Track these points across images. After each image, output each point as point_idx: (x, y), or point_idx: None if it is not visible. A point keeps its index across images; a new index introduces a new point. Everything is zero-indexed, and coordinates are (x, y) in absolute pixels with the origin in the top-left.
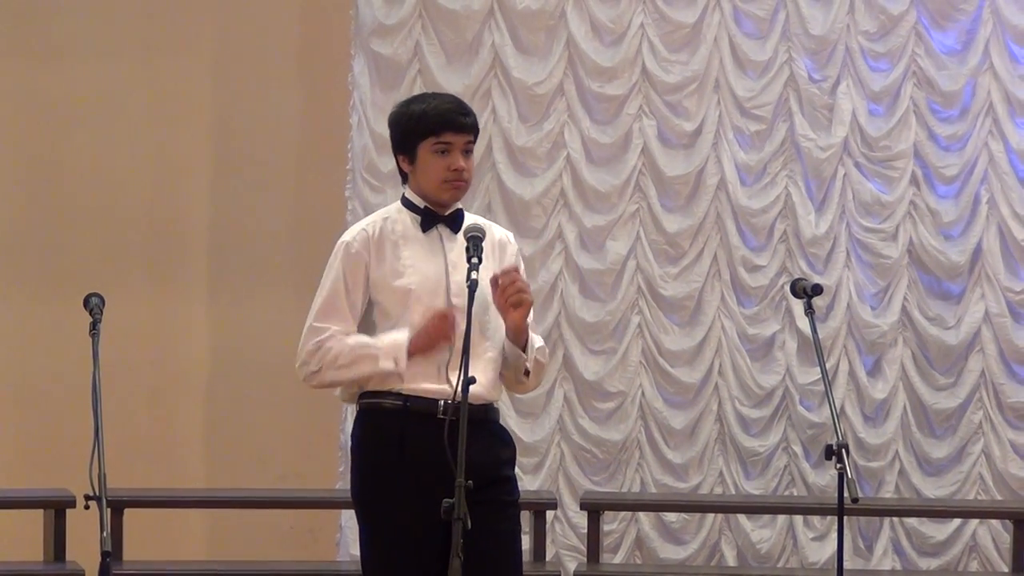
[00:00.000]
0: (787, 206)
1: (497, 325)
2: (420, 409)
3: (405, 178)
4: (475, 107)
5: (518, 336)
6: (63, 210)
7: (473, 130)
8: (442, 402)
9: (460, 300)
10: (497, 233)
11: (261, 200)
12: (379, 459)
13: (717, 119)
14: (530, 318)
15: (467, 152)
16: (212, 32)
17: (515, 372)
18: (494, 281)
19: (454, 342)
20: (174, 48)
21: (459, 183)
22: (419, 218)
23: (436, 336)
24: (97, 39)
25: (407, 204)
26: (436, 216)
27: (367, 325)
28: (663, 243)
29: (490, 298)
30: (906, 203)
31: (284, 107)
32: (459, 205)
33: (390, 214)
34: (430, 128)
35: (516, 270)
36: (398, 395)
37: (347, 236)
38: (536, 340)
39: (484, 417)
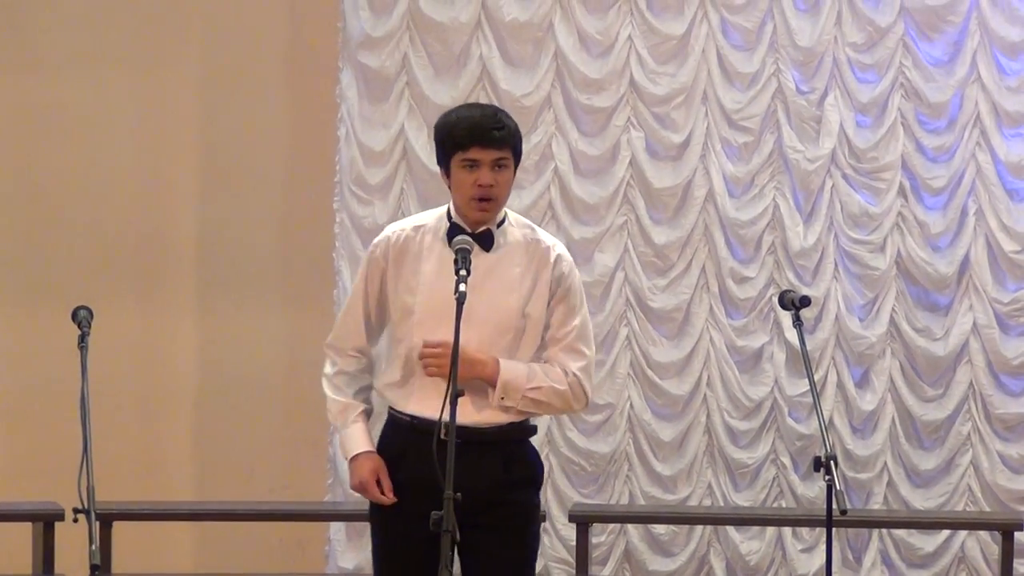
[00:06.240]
0: (775, 218)
1: (518, 347)
2: (423, 428)
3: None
4: None
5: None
6: (51, 223)
7: (505, 144)
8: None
9: (469, 323)
10: (545, 244)
11: (249, 212)
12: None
13: (705, 131)
14: (521, 364)
15: (499, 167)
16: (199, 45)
17: None
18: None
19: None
20: (162, 61)
21: (487, 202)
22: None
23: (364, 495)
24: (85, 52)
25: (448, 215)
26: (462, 232)
27: (388, 336)
28: (651, 255)
29: (508, 321)
30: (894, 214)
31: (272, 119)
32: (504, 213)
33: (428, 221)
34: (458, 142)
35: (441, 345)
36: (408, 415)
37: (378, 238)
38: (535, 378)
39: (497, 439)
